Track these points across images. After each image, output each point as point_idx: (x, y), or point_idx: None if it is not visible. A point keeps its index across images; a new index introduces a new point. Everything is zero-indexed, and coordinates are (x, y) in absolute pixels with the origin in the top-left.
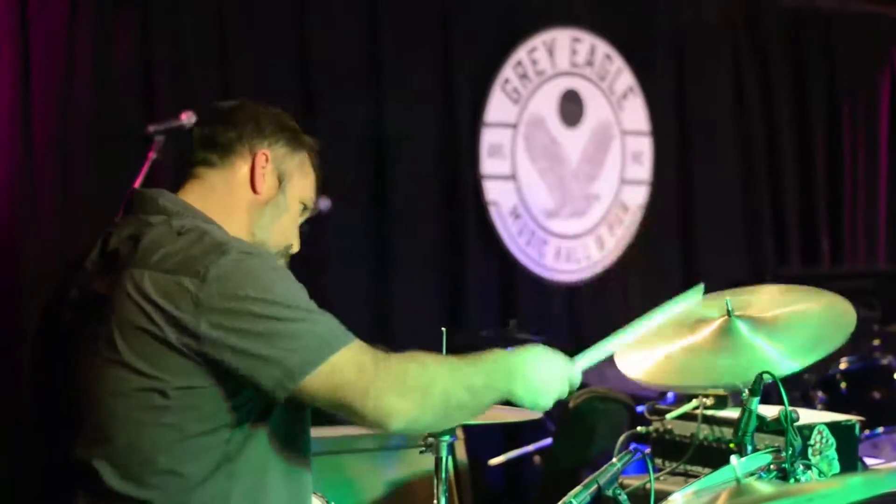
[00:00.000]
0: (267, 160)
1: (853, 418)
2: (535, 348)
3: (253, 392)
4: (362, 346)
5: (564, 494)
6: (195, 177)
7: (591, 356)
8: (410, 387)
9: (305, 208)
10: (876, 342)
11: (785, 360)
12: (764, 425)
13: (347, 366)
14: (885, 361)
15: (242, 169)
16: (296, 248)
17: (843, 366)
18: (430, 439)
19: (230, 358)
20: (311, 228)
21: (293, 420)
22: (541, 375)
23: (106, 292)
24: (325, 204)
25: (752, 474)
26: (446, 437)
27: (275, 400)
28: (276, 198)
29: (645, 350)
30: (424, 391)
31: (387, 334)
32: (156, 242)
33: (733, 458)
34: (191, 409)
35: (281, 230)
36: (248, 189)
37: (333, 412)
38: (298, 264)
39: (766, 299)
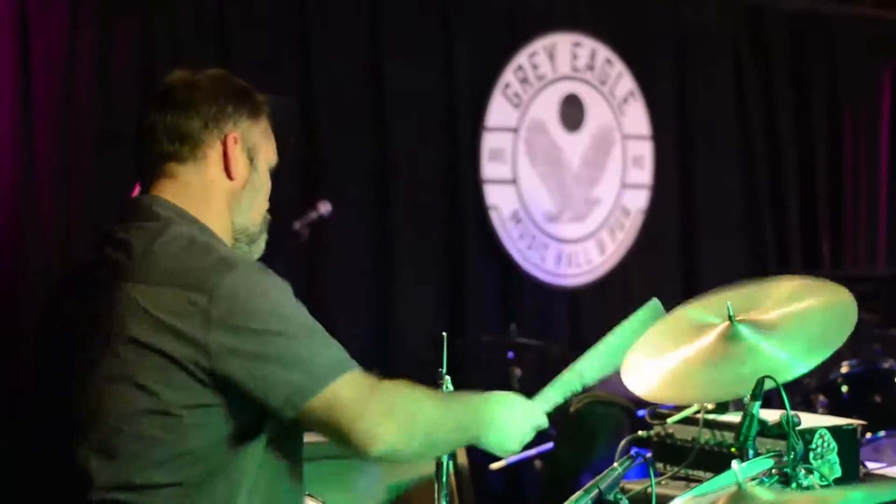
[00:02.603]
0: (236, 141)
1: (855, 422)
2: (505, 395)
3: (259, 410)
4: (362, 373)
5: (565, 499)
6: (168, 175)
7: (551, 396)
8: (401, 417)
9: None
10: (877, 346)
11: (791, 364)
12: (765, 429)
13: (348, 391)
14: (886, 365)
15: (214, 158)
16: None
17: (844, 370)
18: None
19: (241, 376)
20: (313, 233)
21: (294, 434)
22: (512, 423)
23: (105, 306)
24: (325, 208)
25: (753, 479)
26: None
27: (281, 418)
28: (251, 178)
29: (647, 364)
30: (412, 423)
31: (388, 339)
32: (155, 254)
33: (735, 463)
34: (196, 426)
35: (258, 207)
36: (223, 178)
37: (322, 434)
38: (300, 269)
39: (768, 298)
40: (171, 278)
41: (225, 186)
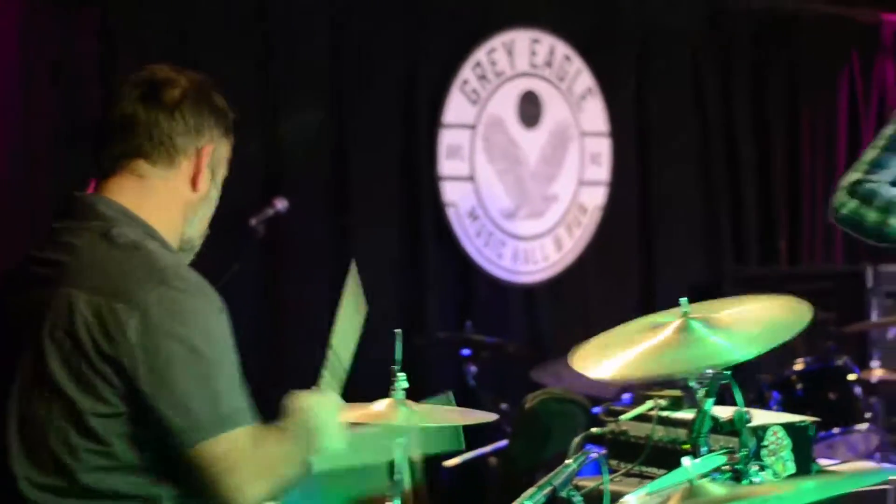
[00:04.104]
0: (208, 155)
1: (808, 419)
2: (317, 403)
3: (160, 431)
4: (255, 428)
5: (520, 496)
6: (135, 172)
7: (330, 380)
8: (270, 476)
9: None
10: (832, 343)
11: (737, 349)
12: (718, 426)
13: (237, 443)
14: (840, 363)
15: (185, 167)
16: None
17: (798, 367)
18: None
19: (151, 393)
20: (270, 229)
21: None
22: (333, 422)
23: (39, 308)
24: (282, 204)
25: (705, 476)
26: (400, 439)
27: (172, 446)
28: (209, 192)
29: (603, 355)
30: (277, 478)
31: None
32: (92, 258)
33: (686, 460)
34: (116, 435)
35: (206, 221)
36: (187, 188)
37: (185, 471)
38: (258, 266)
39: (724, 305)
40: (104, 286)
41: (186, 197)
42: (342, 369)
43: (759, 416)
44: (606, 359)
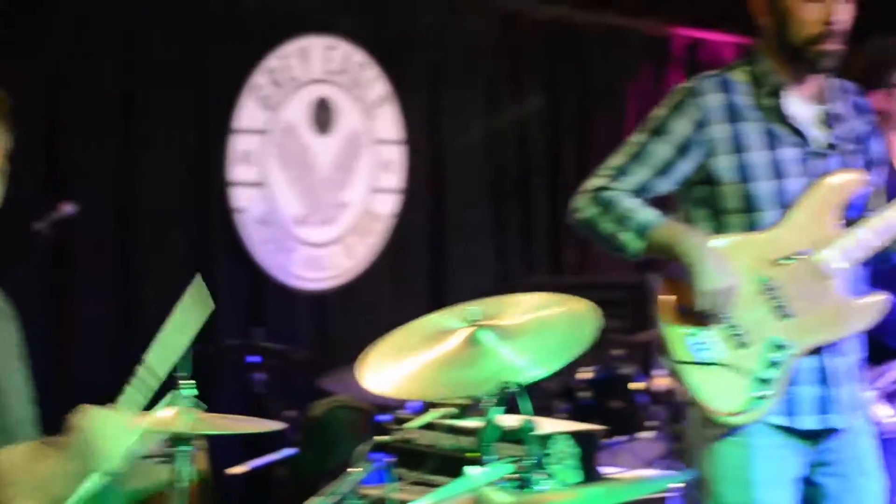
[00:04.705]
0: None
1: (594, 427)
2: (104, 417)
3: None
4: (34, 443)
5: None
6: None
7: (134, 397)
8: (41, 493)
9: None
10: (621, 352)
11: (526, 368)
12: (505, 435)
13: (13, 457)
14: (626, 371)
15: None
16: None
17: (584, 375)
18: (169, 449)
19: None
20: (57, 234)
21: None
22: (115, 443)
23: None
24: (69, 208)
25: (492, 484)
26: (186, 447)
27: None
28: None
29: (389, 364)
30: (48, 496)
31: (132, 340)
32: None
33: (470, 469)
34: None
35: None
36: None
37: None
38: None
39: (513, 308)
40: None
41: None
42: (152, 385)
43: (546, 425)
44: (393, 369)
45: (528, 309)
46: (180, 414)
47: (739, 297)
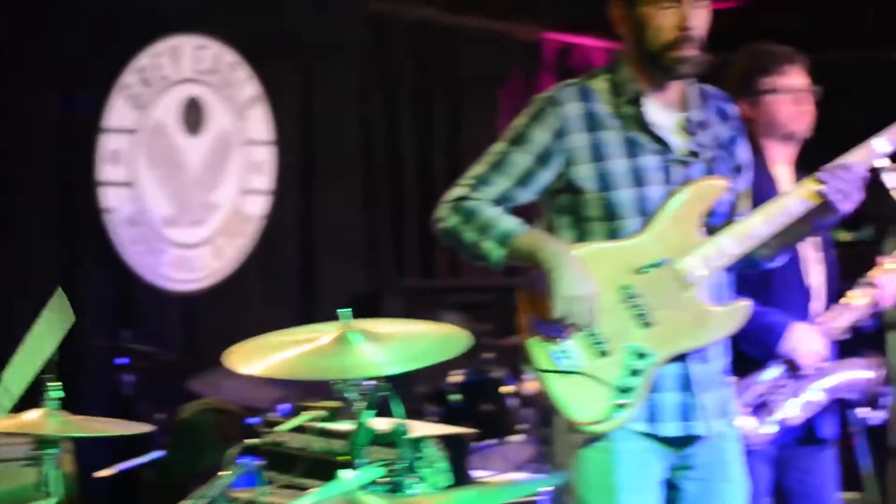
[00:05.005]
0: None
1: (464, 431)
2: None
3: None
4: None
5: None
6: None
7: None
8: None
9: None
10: (490, 355)
11: (390, 364)
12: (377, 438)
13: None
14: (496, 374)
15: None
16: None
17: (455, 378)
18: (35, 452)
19: None
20: None
21: None
22: None
23: None
24: None
25: (363, 487)
26: (52, 450)
27: None
28: None
29: (259, 354)
30: None
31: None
32: None
33: (343, 472)
34: None
35: None
36: None
37: None
38: None
39: (387, 324)
40: None
41: None
42: (15, 391)
43: (417, 429)
44: (262, 358)
45: (399, 325)
46: (46, 416)
47: (600, 305)
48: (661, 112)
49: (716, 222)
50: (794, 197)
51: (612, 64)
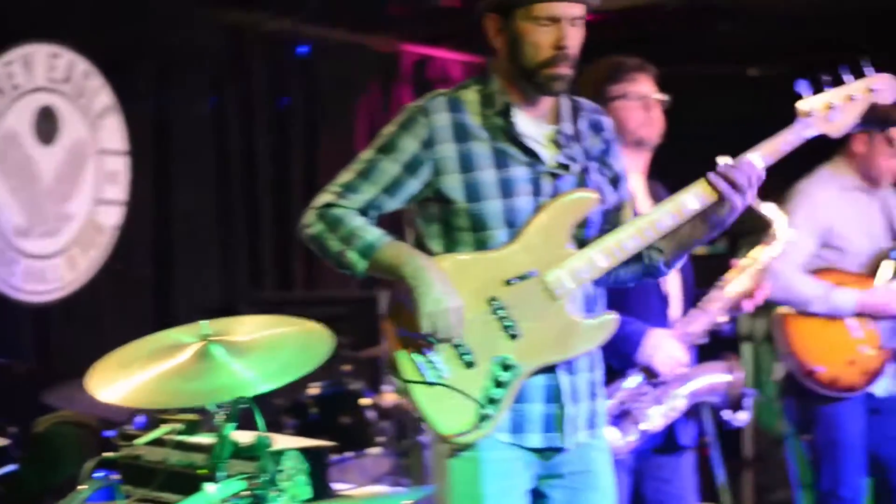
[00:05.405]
0: None
1: (323, 443)
2: None
3: None
4: None
5: None
6: None
7: None
8: None
9: None
10: (347, 368)
11: (259, 382)
12: (238, 451)
13: None
14: (354, 387)
15: None
16: None
17: (313, 391)
18: None
19: None
20: None
21: None
22: None
23: None
24: None
25: (225, 501)
26: None
27: None
28: None
29: (119, 375)
30: None
31: None
32: None
33: (208, 485)
34: None
35: None
36: None
37: None
38: None
39: (246, 327)
40: None
41: None
42: None
43: (277, 441)
44: (123, 380)
45: (259, 327)
46: None
47: (466, 317)
48: (531, 124)
49: (590, 235)
50: (688, 194)
51: (483, 75)
